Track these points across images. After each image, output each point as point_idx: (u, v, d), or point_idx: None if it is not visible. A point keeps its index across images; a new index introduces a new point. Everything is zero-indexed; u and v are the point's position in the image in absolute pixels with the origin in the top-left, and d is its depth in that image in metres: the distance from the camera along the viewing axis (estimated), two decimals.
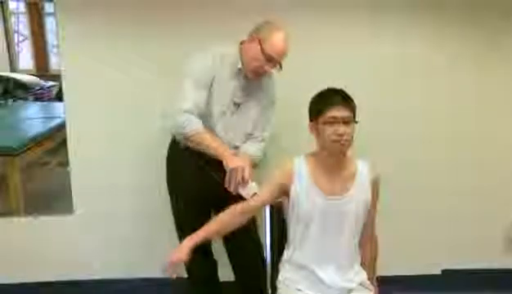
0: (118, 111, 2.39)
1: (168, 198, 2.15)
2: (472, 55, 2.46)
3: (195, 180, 1.98)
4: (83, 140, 2.41)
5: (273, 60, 1.86)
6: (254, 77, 1.92)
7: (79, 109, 2.39)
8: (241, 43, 1.94)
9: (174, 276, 1.63)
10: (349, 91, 1.60)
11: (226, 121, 1.94)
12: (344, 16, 2.37)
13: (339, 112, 1.53)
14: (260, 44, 1.84)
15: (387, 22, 2.39)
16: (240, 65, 1.91)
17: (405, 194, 2.50)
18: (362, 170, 1.65)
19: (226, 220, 1.65)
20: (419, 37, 2.42)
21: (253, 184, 1.79)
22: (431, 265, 2.69)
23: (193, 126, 1.84)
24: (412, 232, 2.59)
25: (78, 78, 2.35)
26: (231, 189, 1.80)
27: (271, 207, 1.82)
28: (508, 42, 2.47)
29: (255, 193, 1.74)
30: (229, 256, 2.20)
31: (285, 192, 1.65)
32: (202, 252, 2.13)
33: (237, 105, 1.95)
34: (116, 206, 2.50)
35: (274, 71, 1.93)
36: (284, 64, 1.94)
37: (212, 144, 1.85)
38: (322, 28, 2.36)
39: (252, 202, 1.69)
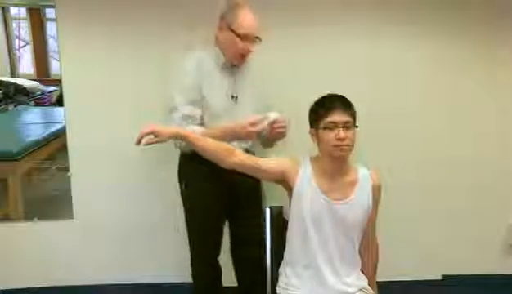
0: (118, 116, 2.40)
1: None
2: (469, 54, 2.48)
3: (210, 188, 1.96)
4: (83, 145, 2.42)
5: (249, 37, 1.86)
6: (241, 60, 1.92)
7: (80, 114, 2.40)
8: (216, 38, 1.95)
9: (140, 144, 1.56)
10: (347, 92, 1.61)
11: (228, 116, 1.93)
12: (341, 19, 2.40)
13: (339, 117, 1.54)
14: (230, 29, 1.86)
15: (383, 23, 2.41)
16: (223, 60, 1.92)
17: (404, 200, 2.50)
18: (364, 176, 1.65)
19: (217, 146, 1.61)
20: (416, 37, 2.44)
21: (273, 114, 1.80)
22: (431, 270, 2.69)
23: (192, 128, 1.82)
24: (412, 237, 2.59)
25: (79, 83, 2.37)
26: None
27: (271, 212, 1.82)
28: (502, 40, 2.48)
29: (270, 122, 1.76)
30: (234, 263, 2.21)
31: (284, 180, 1.63)
32: (210, 262, 2.12)
33: (235, 98, 1.95)
34: (116, 211, 2.51)
35: (256, 46, 1.91)
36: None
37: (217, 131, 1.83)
38: (319, 30, 2.38)
39: (250, 159, 1.65)
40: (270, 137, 1.92)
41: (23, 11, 3.33)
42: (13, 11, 3.32)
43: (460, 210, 2.61)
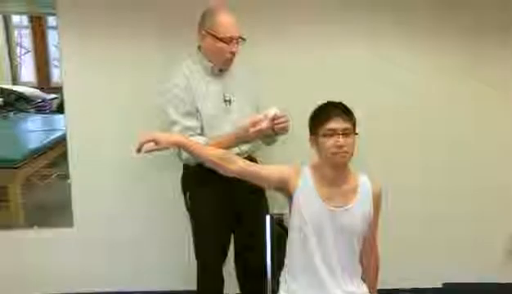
0: (118, 123, 2.40)
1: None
2: (469, 58, 2.48)
3: (215, 198, 1.96)
4: (83, 152, 2.42)
5: (232, 39, 1.87)
6: (229, 63, 1.93)
7: (80, 122, 2.40)
8: (199, 47, 1.96)
9: (141, 152, 1.58)
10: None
11: (225, 120, 1.94)
12: (341, 20, 2.40)
13: (338, 124, 1.54)
14: (211, 35, 1.86)
15: (383, 25, 2.41)
16: (211, 65, 1.92)
17: (404, 208, 2.48)
18: (364, 184, 1.65)
19: (217, 154, 1.62)
20: (417, 42, 2.44)
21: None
22: (432, 278, 2.68)
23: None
24: (412, 245, 2.58)
25: (80, 91, 2.37)
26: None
27: (272, 220, 1.82)
28: (504, 46, 2.49)
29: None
30: (237, 271, 2.21)
31: (285, 187, 1.63)
32: (215, 270, 2.12)
33: (228, 101, 1.95)
34: (116, 219, 2.50)
35: (240, 45, 1.92)
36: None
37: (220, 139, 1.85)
38: (318, 31, 2.39)
39: (250, 166, 1.65)
40: (272, 133, 1.91)
41: (25, 19, 3.36)
42: (15, 19, 3.35)
43: (461, 217, 2.60)
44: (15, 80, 3.51)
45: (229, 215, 2.01)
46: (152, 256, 2.56)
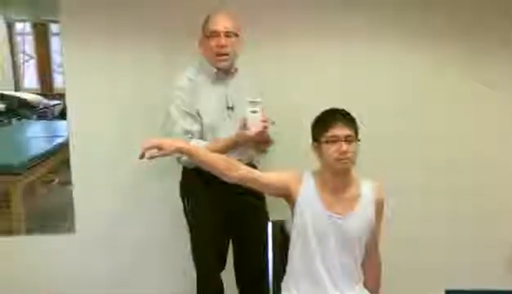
0: (121, 129, 2.40)
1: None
2: (471, 82, 2.46)
3: (214, 204, 1.96)
4: (85, 158, 2.42)
5: (217, 32, 1.89)
6: (222, 59, 1.93)
7: (82, 128, 2.40)
8: (200, 54, 2.00)
9: (144, 158, 1.57)
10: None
11: (226, 127, 1.94)
12: (345, 42, 2.41)
13: (340, 130, 1.54)
14: (203, 34, 1.94)
15: (381, 24, 2.41)
16: (215, 70, 1.95)
17: (406, 218, 2.47)
18: (367, 190, 1.65)
19: (219, 160, 1.62)
20: (418, 41, 2.43)
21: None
22: (434, 285, 2.65)
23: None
24: (414, 251, 2.56)
25: (82, 97, 2.38)
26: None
27: (273, 226, 1.81)
28: (506, 68, 2.49)
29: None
30: (237, 277, 2.20)
31: (287, 194, 1.64)
32: (213, 276, 2.11)
33: (231, 109, 1.97)
34: (118, 225, 2.50)
35: (235, 41, 1.93)
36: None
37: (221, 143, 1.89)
38: (316, 31, 2.39)
39: (252, 172, 1.65)
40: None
41: (27, 26, 3.38)
42: (18, 26, 3.37)
43: (464, 223, 2.58)
44: (17, 86, 3.52)
45: (228, 220, 2.01)
46: (155, 261, 2.55)
